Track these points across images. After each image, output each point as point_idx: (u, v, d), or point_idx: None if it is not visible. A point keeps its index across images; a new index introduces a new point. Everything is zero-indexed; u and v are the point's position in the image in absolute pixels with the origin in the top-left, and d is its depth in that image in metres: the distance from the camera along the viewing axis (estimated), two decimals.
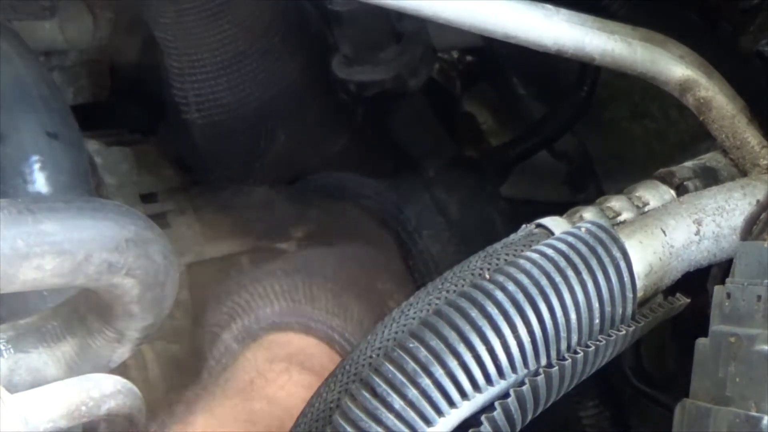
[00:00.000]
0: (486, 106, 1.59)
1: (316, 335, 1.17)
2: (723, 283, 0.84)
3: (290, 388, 1.11)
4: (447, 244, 1.41)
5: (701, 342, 0.81)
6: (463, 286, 0.85)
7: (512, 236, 0.91)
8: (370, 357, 0.83)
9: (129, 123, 1.47)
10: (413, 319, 0.84)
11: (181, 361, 1.30)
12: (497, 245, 0.90)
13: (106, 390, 0.75)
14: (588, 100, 1.37)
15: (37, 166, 1.04)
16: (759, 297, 0.79)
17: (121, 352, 0.81)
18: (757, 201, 0.95)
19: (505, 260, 0.85)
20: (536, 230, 0.90)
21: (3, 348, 0.79)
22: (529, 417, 0.81)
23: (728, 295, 0.81)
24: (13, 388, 0.75)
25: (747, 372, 0.76)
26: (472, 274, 0.86)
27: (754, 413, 0.75)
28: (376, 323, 0.87)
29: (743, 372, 0.77)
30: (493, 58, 1.47)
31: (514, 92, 1.49)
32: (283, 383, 1.11)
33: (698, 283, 1.00)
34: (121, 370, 0.92)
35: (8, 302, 0.96)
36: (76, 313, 0.80)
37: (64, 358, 0.80)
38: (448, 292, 0.85)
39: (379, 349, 0.83)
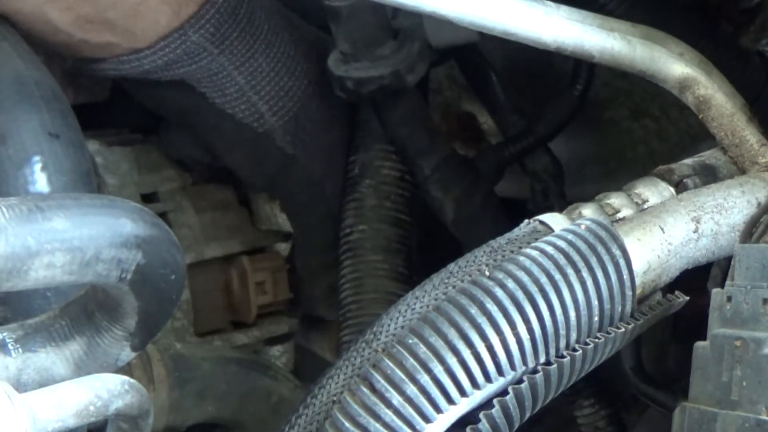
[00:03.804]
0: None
1: None
2: (723, 283, 0.84)
3: None
4: (383, 200, 1.41)
5: (701, 345, 0.81)
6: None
7: (516, 231, 0.91)
8: (375, 351, 0.83)
9: (129, 123, 1.47)
10: (419, 314, 0.84)
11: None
12: (501, 240, 0.90)
13: (114, 390, 0.75)
14: (582, 99, 1.37)
15: (38, 166, 1.04)
16: (765, 300, 0.79)
17: (129, 351, 0.81)
18: (758, 203, 0.95)
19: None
20: (540, 227, 0.91)
21: (11, 347, 0.79)
22: (528, 414, 0.82)
23: (729, 299, 0.81)
24: (21, 387, 0.75)
25: (755, 376, 0.76)
26: (478, 270, 0.86)
27: (764, 417, 0.75)
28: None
29: (750, 376, 0.76)
30: (478, 60, 1.47)
31: (495, 99, 1.49)
32: None
33: (699, 283, 1.00)
34: (126, 369, 0.92)
35: (13, 303, 0.97)
36: (84, 312, 0.80)
37: (72, 357, 0.80)
38: (454, 287, 0.85)
39: (384, 342, 0.84)
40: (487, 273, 0.82)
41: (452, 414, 0.78)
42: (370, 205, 1.41)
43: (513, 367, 0.79)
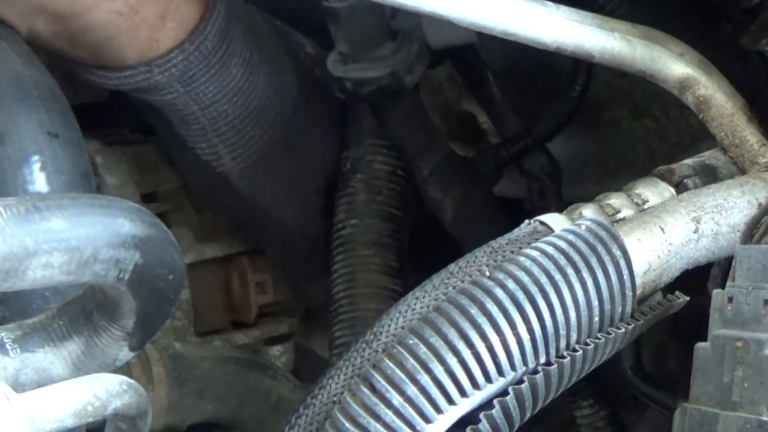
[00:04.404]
0: None
1: None
2: (723, 283, 0.84)
3: None
4: (375, 194, 1.41)
5: (701, 347, 0.81)
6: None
7: (516, 231, 0.91)
8: (375, 351, 0.83)
9: (129, 123, 1.47)
10: (419, 314, 0.84)
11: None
12: (501, 240, 0.90)
13: (112, 390, 0.75)
14: (581, 99, 1.37)
15: (37, 166, 1.04)
16: (766, 301, 0.79)
17: (127, 351, 0.81)
18: (758, 203, 0.95)
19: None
20: (540, 227, 0.90)
21: (10, 348, 0.79)
22: (528, 415, 0.81)
23: (730, 299, 0.81)
24: (19, 387, 0.75)
25: (756, 377, 0.76)
26: (478, 270, 0.86)
27: (765, 418, 0.75)
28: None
29: (752, 377, 0.76)
30: (475, 61, 1.47)
31: (492, 99, 1.49)
32: None
33: (699, 283, 1.00)
34: (125, 369, 0.92)
35: (11, 303, 0.96)
36: (82, 312, 0.80)
37: (70, 357, 0.80)
38: (454, 287, 0.85)
39: (385, 343, 0.83)
40: (488, 273, 0.82)
41: (452, 414, 0.78)
42: (362, 200, 1.41)
43: (513, 367, 0.79)
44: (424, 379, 0.78)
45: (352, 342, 0.88)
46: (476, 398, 0.79)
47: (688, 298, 0.92)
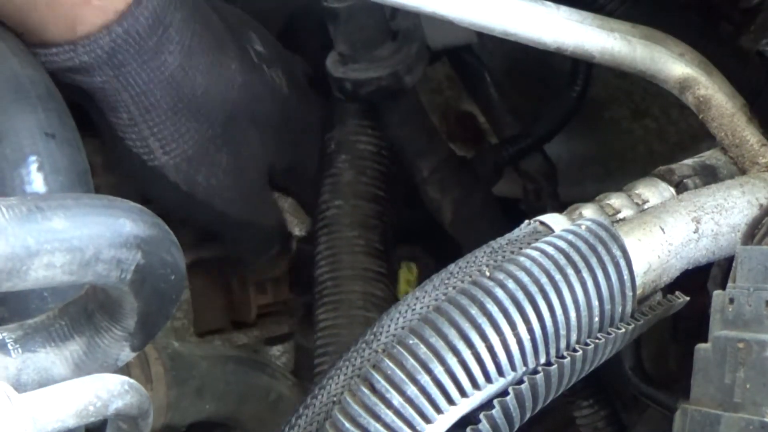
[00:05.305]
0: None
1: None
2: (723, 283, 0.84)
3: None
4: (360, 175, 1.39)
5: (702, 348, 0.81)
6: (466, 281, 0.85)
7: (516, 232, 0.91)
8: (375, 351, 0.83)
9: None
10: (419, 314, 0.84)
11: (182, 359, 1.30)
12: (501, 240, 0.90)
13: (114, 390, 0.75)
14: (581, 99, 1.37)
15: (34, 166, 1.03)
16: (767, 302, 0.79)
17: (129, 351, 0.81)
18: (759, 204, 0.95)
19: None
20: (540, 227, 0.91)
21: (11, 348, 0.79)
22: (528, 415, 0.82)
23: (731, 300, 0.81)
24: (21, 387, 0.76)
25: (758, 378, 0.76)
26: (479, 270, 0.86)
27: None
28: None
29: (754, 378, 0.76)
30: (473, 61, 1.47)
31: (489, 100, 1.49)
32: None
33: (699, 283, 1.00)
34: (124, 368, 0.92)
35: (10, 303, 0.97)
36: (84, 312, 0.80)
37: (71, 357, 0.80)
38: (454, 287, 0.85)
39: (385, 343, 0.84)
40: (488, 273, 0.82)
41: (453, 414, 0.78)
42: (347, 181, 1.38)
43: (513, 367, 0.79)
44: (424, 379, 0.78)
45: (337, 325, 0.88)
46: (476, 398, 0.79)
47: (688, 298, 0.92)
